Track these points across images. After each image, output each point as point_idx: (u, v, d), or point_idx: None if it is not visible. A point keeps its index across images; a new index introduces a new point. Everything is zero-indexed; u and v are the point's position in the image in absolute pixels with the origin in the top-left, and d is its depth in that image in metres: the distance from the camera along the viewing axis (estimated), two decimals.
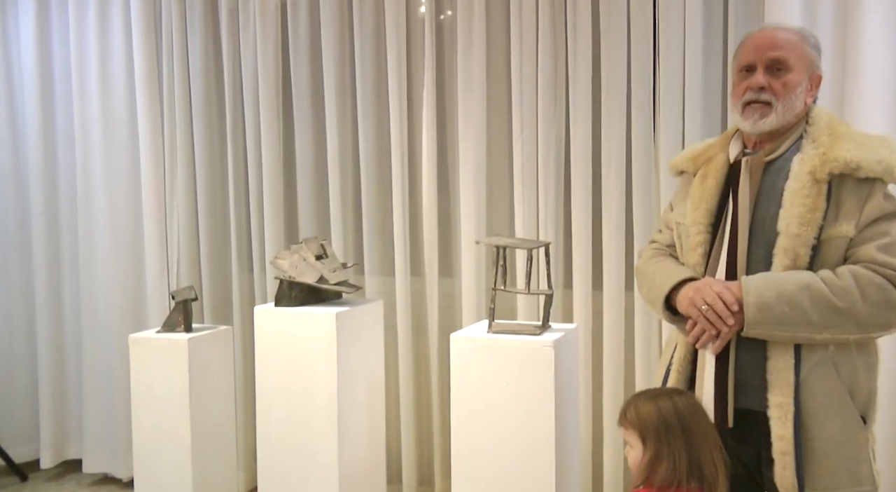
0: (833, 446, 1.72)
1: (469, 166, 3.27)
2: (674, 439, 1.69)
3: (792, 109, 1.80)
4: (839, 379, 1.73)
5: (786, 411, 1.70)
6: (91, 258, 3.92)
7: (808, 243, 1.69)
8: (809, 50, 1.84)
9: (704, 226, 1.87)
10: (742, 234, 1.78)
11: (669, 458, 1.68)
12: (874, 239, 1.70)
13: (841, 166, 1.70)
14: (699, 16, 2.89)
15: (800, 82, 1.80)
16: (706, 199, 1.88)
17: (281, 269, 2.98)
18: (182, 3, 3.73)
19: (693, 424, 1.72)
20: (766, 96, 1.78)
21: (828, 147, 1.74)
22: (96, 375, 3.94)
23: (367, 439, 3.04)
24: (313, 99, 3.60)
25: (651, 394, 1.81)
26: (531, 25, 3.12)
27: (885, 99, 2.63)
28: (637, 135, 3.01)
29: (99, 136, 3.86)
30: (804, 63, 1.82)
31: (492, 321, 2.56)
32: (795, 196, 1.71)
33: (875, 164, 1.69)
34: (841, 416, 1.72)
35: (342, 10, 3.51)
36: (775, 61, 1.79)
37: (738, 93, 1.85)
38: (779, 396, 1.71)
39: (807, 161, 1.74)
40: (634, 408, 1.77)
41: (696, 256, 1.88)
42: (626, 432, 1.78)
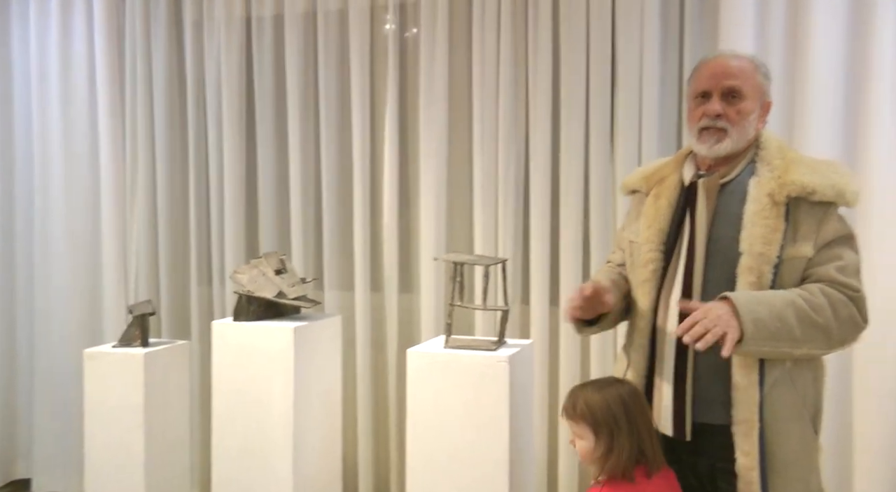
0: (793, 458, 1.77)
1: (430, 182, 3.30)
2: (624, 428, 1.77)
3: (745, 135, 1.86)
4: (797, 393, 1.79)
5: (751, 427, 1.74)
6: (47, 270, 3.86)
7: (771, 262, 1.74)
8: (761, 78, 1.90)
9: (656, 244, 1.92)
10: (699, 253, 1.82)
11: (622, 446, 1.76)
12: (831, 261, 1.76)
13: (798, 190, 1.77)
14: (656, 39, 2.96)
15: (753, 110, 1.87)
16: (659, 218, 1.93)
17: (240, 283, 2.97)
18: (146, 14, 3.72)
19: (637, 410, 1.80)
20: (722, 123, 1.84)
21: (783, 171, 1.80)
22: (48, 390, 3.86)
23: (323, 454, 3.02)
24: (276, 113, 3.61)
25: (596, 386, 1.87)
26: (493, 44, 3.18)
27: (833, 124, 2.72)
28: (595, 153, 3.07)
29: (59, 147, 3.82)
30: (756, 91, 1.88)
31: (448, 336, 2.58)
32: (756, 217, 1.77)
33: (828, 188, 1.77)
34: (799, 429, 1.79)
35: (307, 24, 3.53)
36: (730, 90, 1.85)
37: (694, 118, 1.91)
38: (744, 412, 1.75)
39: (764, 184, 1.80)
40: (584, 400, 1.82)
41: (647, 273, 1.92)
42: (575, 424, 1.83)
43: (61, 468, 3.85)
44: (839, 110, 2.72)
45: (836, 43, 2.71)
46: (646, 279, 1.91)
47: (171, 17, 3.74)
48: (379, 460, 3.52)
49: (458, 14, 3.29)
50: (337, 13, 3.48)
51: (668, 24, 2.99)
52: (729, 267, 1.79)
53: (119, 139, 3.76)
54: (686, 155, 2.01)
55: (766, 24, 2.80)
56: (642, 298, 1.92)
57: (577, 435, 1.84)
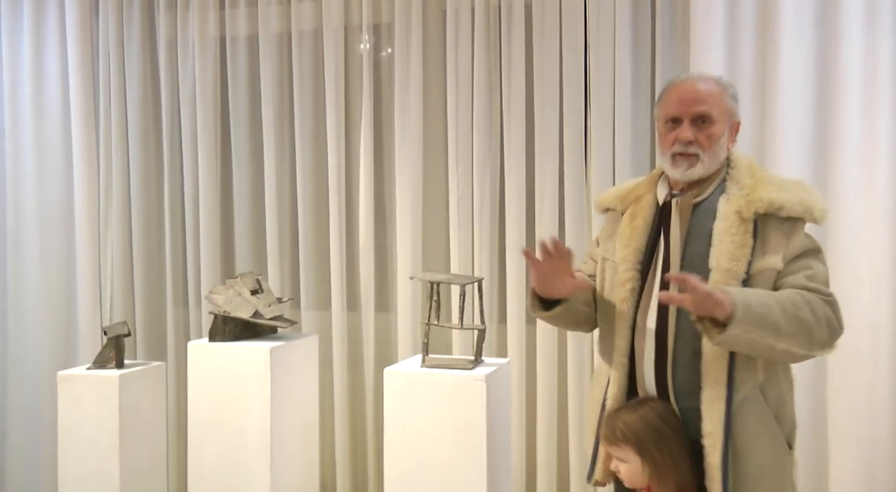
0: (763, 472, 1.79)
1: (406, 202, 3.31)
2: (669, 442, 1.78)
3: (716, 158, 1.90)
4: (768, 407, 1.82)
5: (716, 439, 1.77)
6: (19, 292, 3.82)
7: (738, 277, 1.78)
8: (729, 100, 1.94)
9: (633, 263, 1.94)
10: (674, 271, 1.85)
11: (670, 461, 1.76)
12: (801, 270, 1.80)
13: (766, 206, 1.81)
14: (628, 60, 3.01)
15: (723, 133, 1.90)
16: (635, 238, 1.96)
17: (216, 303, 2.96)
18: (120, 32, 3.71)
19: (676, 426, 1.81)
20: (694, 149, 1.88)
21: (751, 188, 1.85)
22: (21, 414, 3.81)
23: (300, 475, 3.01)
24: (251, 133, 3.60)
25: (629, 407, 1.85)
26: (467, 65, 3.20)
27: (802, 140, 2.77)
28: (569, 172, 3.09)
29: (31, 166, 3.79)
30: (725, 114, 1.92)
31: (425, 356, 2.59)
32: (724, 234, 1.81)
33: (796, 204, 1.82)
34: (771, 443, 1.81)
35: (281, 44, 3.54)
36: (699, 115, 1.89)
37: (666, 144, 1.93)
38: (709, 425, 1.77)
39: (732, 202, 1.85)
40: (622, 423, 1.81)
41: (625, 292, 1.94)
42: (618, 448, 1.82)
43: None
44: (808, 126, 2.77)
45: (805, 60, 2.77)
46: (624, 298, 1.93)
47: (145, 36, 3.72)
48: (357, 480, 3.50)
49: (432, 34, 3.31)
50: (311, 33, 3.49)
51: (640, 43, 3.04)
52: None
53: (93, 159, 3.74)
54: (659, 175, 2.04)
55: (735, 43, 2.85)
56: (621, 317, 1.93)
57: (621, 460, 1.83)
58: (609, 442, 1.85)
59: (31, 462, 3.80)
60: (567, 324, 2.14)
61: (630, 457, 1.81)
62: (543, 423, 3.13)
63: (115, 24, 3.70)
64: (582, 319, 2.09)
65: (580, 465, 3.06)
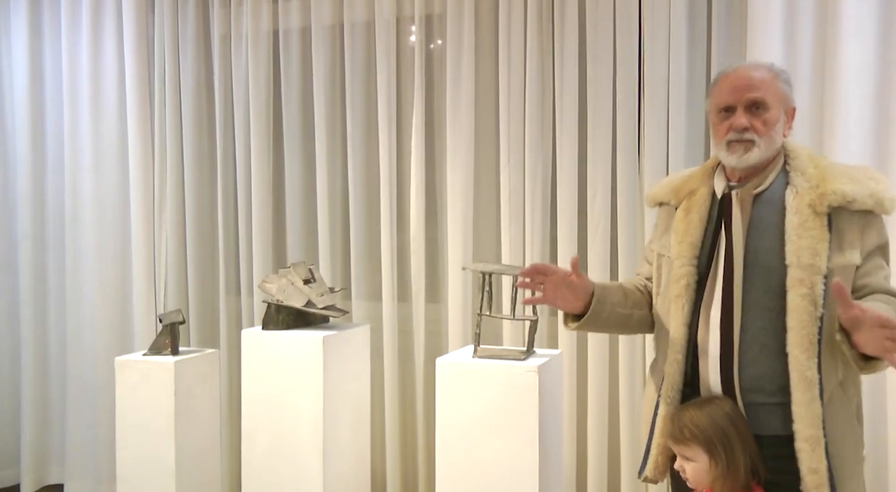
0: (850, 472, 1.76)
1: (457, 193, 3.31)
2: (736, 441, 1.75)
3: (773, 145, 1.86)
4: (850, 405, 1.79)
5: (818, 442, 1.71)
6: (78, 281, 3.92)
7: (821, 273, 1.73)
8: (782, 85, 1.89)
9: (688, 259, 1.90)
10: (738, 265, 1.81)
11: (738, 459, 1.74)
12: (878, 271, 1.77)
13: (839, 199, 1.76)
14: (683, 46, 2.96)
15: (778, 119, 1.86)
16: (690, 232, 1.92)
17: (269, 292, 2.99)
18: (175, 28, 3.78)
19: (742, 423, 1.78)
20: (749, 135, 1.84)
21: (819, 180, 1.80)
22: (80, 398, 3.92)
23: (352, 464, 3.04)
24: (303, 125, 3.64)
25: (696, 405, 1.83)
26: (519, 55, 3.19)
27: (862, 129, 2.70)
28: (622, 162, 3.07)
29: (89, 160, 3.89)
30: (779, 99, 1.87)
31: (477, 346, 2.59)
32: (801, 229, 1.76)
33: (867, 197, 1.77)
34: (854, 439, 1.78)
35: (333, 37, 3.57)
36: (754, 102, 1.85)
37: (720, 132, 1.89)
38: (809, 428, 1.72)
39: (803, 195, 1.80)
40: (690, 421, 1.79)
41: (679, 288, 1.90)
42: (686, 447, 1.80)
43: (93, 475, 3.90)
44: (868, 116, 2.70)
45: (866, 48, 2.69)
46: (678, 294, 1.90)
47: (200, 31, 3.79)
48: (407, 469, 3.53)
49: (484, 25, 3.30)
50: (363, 25, 3.51)
51: (696, 30, 2.99)
52: (769, 278, 1.78)
53: (148, 152, 3.82)
54: (713, 167, 2.00)
55: (794, 29, 2.79)
56: (676, 313, 1.90)
57: (687, 459, 1.81)
58: (676, 441, 1.82)
59: (90, 446, 3.90)
60: (613, 328, 2.13)
61: (699, 456, 1.78)
62: (594, 415, 3.11)
63: (170, 20, 3.78)
64: (630, 322, 2.07)
65: (631, 458, 3.04)
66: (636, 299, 2.07)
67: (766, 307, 1.78)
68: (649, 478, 1.98)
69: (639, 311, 2.07)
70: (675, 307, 1.90)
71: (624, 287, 2.11)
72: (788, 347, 1.75)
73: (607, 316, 2.02)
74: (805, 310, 1.72)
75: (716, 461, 1.76)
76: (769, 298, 1.78)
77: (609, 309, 2.01)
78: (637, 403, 3.04)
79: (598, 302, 1.99)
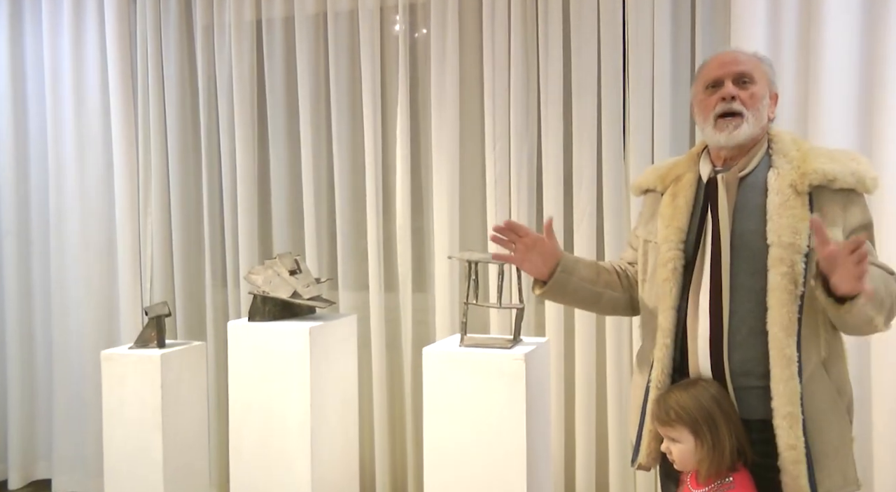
0: (832, 450, 1.77)
1: (442, 182, 3.31)
2: (721, 421, 1.76)
3: (760, 121, 1.87)
4: (832, 384, 1.79)
5: (795, 419, 1.73)
6: (63, 275, 3.90)
7: (801, 251, 1.74)
8: (767, 69, 1.93)
9: (675, 243, 1.90)
10: (725, 247, 1.82)
11: (724, 439, 1.75)
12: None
13: (820, 178, 1.78)
14: (667, 35, 2.96)
15: (764, 95, 1.88)
16: (677, 217, 1.92)
17: (255, 284, 2.98)
18: (157, 18, 3.75)
19: (728, 404, 1.79)
20: (737, 106, 1.85)
21: (801, 161, 1.82)
22: (67, 392, 3.90)
23: (340, 454, 3.04)
24: (288, 115, 3.63)
25: (681, 387, 1.84)
26: (503, 44, 3.18)
27: (847, 119, 2.71)
28: (607, 151, 3.07)
29: (72, 152, 3.86)
30: (765, 78, 1.90)
31: (464, 335, 2.59)
32: (781, 208, 1.77)
33: (848, 175, 1.79)
34: (837, 418, 1.78)
35: (317, 27, 3.54)
36: (741, 74, 1.87)
37: (708, 106, 1.90)
38: (787, 405, 1.73)
39: (784, 175, 1.81)
40: (675, 402, 1.80)
41: (666, 272, 1.90)
42: (670, 429, 1.81)
43: (81, 469, 3.89)
44: (853, 105, 2.71)
45: (850, 37, 2.70)
46: (666, 278, 1.90)
47: (182, 21, 3.76)
48: (396, 458, 3.53)
49: (468, 13, 3.29)
50: (347, 14, 3.49)
51: (680, 20, 2.99)
52: (755, 260, 1.79)
53: (132, 143, 3.79)
54: (699, 153, 2.00)
55: (778, 19, 2.79)
56: (664, 297, 1.90)
57: (673, 440, 1.82)
58: (662, 423, 1.83)
59: (76, 439, 3.89)
60: (581, 303, 2.14)
61: (684, 437, 1.79)
62: (582, 403, 3.12)
63: (152, 10, 3.75)
64: (601, 301, 2.08)
65: (619, 445, 3.05)
66: (609, 280, 2.08)
67: (753, 290, 1.79)
68: (642, 465, 1.99)
69: (611, 291, 2.08)
70: (663, 291, 1.91)
71: (599, 266, 2.11)
72: (768, 325, 1.76)
73: (574, 289, 2.04)
74: (785, 289, 1.74)
75: (701, 442, 1.77)
76: (755, 280, 1.78)
77: (576, 282, 2.03)
78: (624, 390, 3.06)
79: (562, 271, 2.01)
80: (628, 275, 2.11)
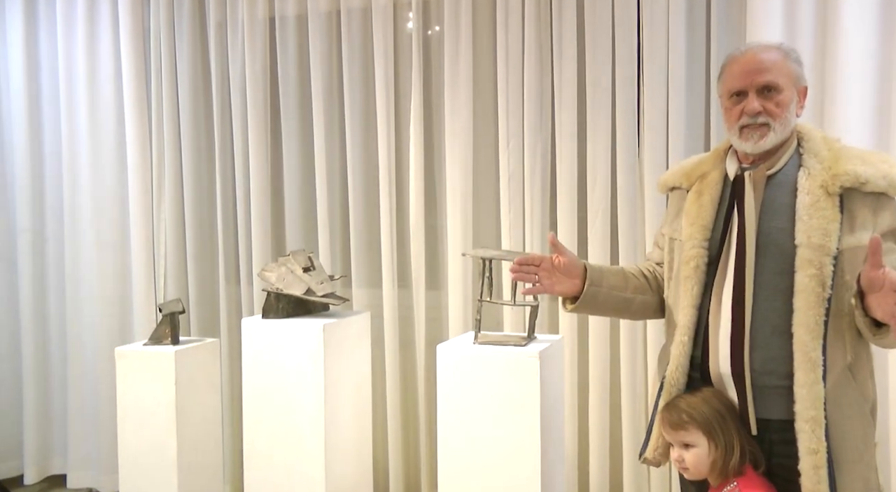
0: (856, 456, 1.74)
1: (456, 179, 3.30)
2: (731, 423, 1.78)
3: (787, 126, 1.84)
4: (858, 389, 1.77)
5: (818, 423, 1.71)
6: (77, 272, 3.91)
7: (830, 253, 1.72)
8: (793, 65, 1.87)
9: (699, 241, 1.89)
10: (750, 246, 1.80)
11: (733, 440, 1.77)
12: (889, 253, 1.74)
13: (852, 180, 1.75)
14: (682, 32, 2.94)
15: (791, 100, 1.84)
16: (702, 215, 1.91)
17: (268, 281, 2.99)
18: (171, 15, 3.76)
19: (734, 411, 1.81)
20: (763, 119, 1.82)
21: (832, 161, 1.79)
22: (81, 389, 3.92)
23: (353, 451, 3.04)
24: (301, 112, 3.63)
25: (689, 393, 1.85)
26: (517, 40, 3.17)
27: (864, 112, 2.68)
28: (622, 148, 3.05)
29: (87, 150, 3.87)
30: (791, 80, 1.85)
31: (478, 333, 2.58)
32: (812, 209, 1.75)
33: (880, 179, 1.76)
34: (861, 424, 1.76)
35: (330, 24, 3.54)
36: (765, 85, 1.82)
37: (733, 117, 1.87)
38: (810, 409, 1.71)
39: (815, 176, 1.78)
40: (688, 407, 1.81)
41: (689, 270, 1.89)
42: (685, 433, 1.82)
43: (95, 465, 3.91)
44: (869, 105, 2.68)
45: (866, 36, 2.67)
46: (687, 276, 1.89)
47: (196, 18, 3.77)
48: (409, 455, 3.53)
49: (482, 10, 3.28)
50: (360, 11, 3.48)
51: (695, 16, 2.97)
52: (782, 259, 1.77)
53: (146, 140, 3.80)
54: (725, 150, 1.98)
55: (794, 17, 2.76)
56: (685, 294, 1.89)
57: (686, 446, 1.82)
58: (675, 427, 1.82)
59: (91, 436, 3.91)
60: (613, 312, 2.13)
61: (698, 439, 1.80)
62: (596, 400, 3.11)
63: (166, 7, 3.75)
64: (632, 307, 2.08)
65: (633, 444, 3.04)
66: (638, 285, 2.07)
67: (779, 289, 1.77)
68: (649, 460, 1.98)
69: (641, 296, 2.07)
70: (685, 289, 1.90)
71: (625, 271, 2.11)
72: (794, 327, 1.74)
73: (604, 299, 2.04)
74: (813, 291, 1.72)
75: (715, 443, 1.77)
76: (781, 279, 1.77)
77: (605, 292, 2.03)
78: (637, 388, 3.05)
79: (591, 284, 2.02)
80: (657, 276, 2.10)
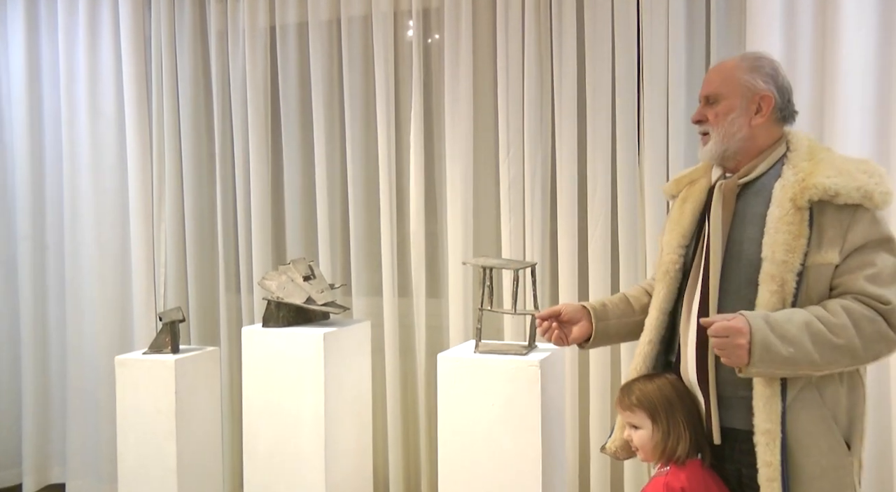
0: (819, 471, 1.72)
1: (456, 188, 3.30)
2: (679, 411, 1.82)
3: (730, 134, 1.84)
4: (825, 406, 1.74)
5: (773, 437, 1.70)
6: (77, 280, 3.91)
7: (794, 270, 1.70)
8: (744, 75, 1.86)
9: (674, 247, 1.92)
10: (714, 256, 1.79)
11: (679, 428, 1.81)
12: (861, 269, 1.70)
13: (820, 193, 1.71)
14: (682, 40, 2.95)
15: (732, 108, 1.85)
16: (682, 222, 1.94)
17: (269, 289, 2.98)
18: (171, 24, 3.77)
19: (689, 398, 1.85)
20: (703, 128, 1.90)
21: (808, 173, 1.75)
22: (81, 397, 3.91)
23: (354, 459, 3.03)
24: (302, 120, 3.63)
25: (645, 377, 1.91)
26: (517, 48, 3.17)
27: (862, 123, 2.68)
28: (622, 157, 3.05)
29: (87, 158, 3.87)
30: (737, 89, 1.85)
31: (478, 341, 2.58)
32: (780, 223, 1.72)
33: (853, 191, 1.70)
34: (826, 441, 1.73)
35: (330, 33, 3.55)
36: (706, 97, 1.91)
37: None
38: (766, 422, 1.70)
39: (787, 188, 1.75)
40: (638, 389, 1.87)
41: (660, 273, 1.95)
42: (631, 414, 1.88)
43: (95, 474, 3.90)
44: (869, 109, 2.68)
45: (866, 40, 2.67)
46: (659, 280, 1.95)
47: (196, 27, 3.78)
48: (409, 464, 3.52)
49: (482, 18, 3.29)
50: (360, 19, 3.49)
51: (694, 23, 2.98)
52: (750, 269, 1.76)
53: (146, 148, 3.81)
54: None
55: (793, 21, 2.77)
56: (654, 298, 1.95)
57: (633, 426, 1.88)
58: (624, 407, 1.89)
59: (91, 445, 3.90)
60: (629, 337, 2.16)
61: (643, 422, 1.85)
62: (596, 410, 3.10)
63: (166, 16, 3.76)
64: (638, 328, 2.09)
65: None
66: (644, 304, 2.08)
67: (747, 299, 1.75)
68: (605, 448, 2.06)
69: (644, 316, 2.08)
70: (656, 292, 1.96)
71: (628, 296, 2.15)
72: None
73: (616, 330, 2.09)
74: (773, 307, 1.70)
75: (657, 427, 1.83)
76: (749, 290, 1.76)
77: (615, 323, 2.08)
78: None
79: (598, 320, 2.07)
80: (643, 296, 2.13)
